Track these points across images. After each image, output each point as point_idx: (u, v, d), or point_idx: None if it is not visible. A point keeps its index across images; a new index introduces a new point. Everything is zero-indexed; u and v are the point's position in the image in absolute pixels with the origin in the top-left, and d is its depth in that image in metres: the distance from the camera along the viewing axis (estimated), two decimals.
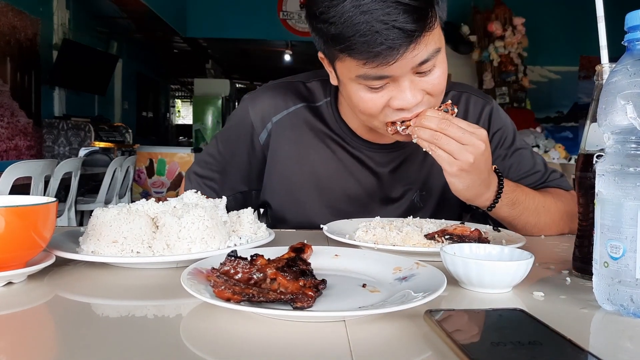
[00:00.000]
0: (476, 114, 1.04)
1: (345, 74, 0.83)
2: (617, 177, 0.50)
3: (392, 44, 0.74)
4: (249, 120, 1.03)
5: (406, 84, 0.80)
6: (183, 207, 0.71)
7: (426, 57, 0.78)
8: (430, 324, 0.45)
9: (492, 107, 1.05)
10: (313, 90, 1.04)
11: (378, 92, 0.81)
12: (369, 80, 0.79)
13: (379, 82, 0.80)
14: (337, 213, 1.00)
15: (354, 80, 0.81)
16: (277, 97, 1.03)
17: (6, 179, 2.57)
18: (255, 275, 0.51)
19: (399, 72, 0.78)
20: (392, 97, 0.81)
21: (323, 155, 1.02)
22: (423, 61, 0.78)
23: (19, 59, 4.62)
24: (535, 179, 1.02)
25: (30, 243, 0.58)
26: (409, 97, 0.80)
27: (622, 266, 0.50)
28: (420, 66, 0.79)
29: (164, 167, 5.71)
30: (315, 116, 1.02)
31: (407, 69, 0.78)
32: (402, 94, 0.80)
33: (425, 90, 0.82)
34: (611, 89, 0.50)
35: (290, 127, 1.02)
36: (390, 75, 0.78)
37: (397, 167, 1.02)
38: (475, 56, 6.26)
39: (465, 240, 0.74)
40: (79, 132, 5.14)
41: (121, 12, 5.93)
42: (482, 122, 1.03)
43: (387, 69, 0.77)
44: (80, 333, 0.45)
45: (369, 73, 0.78)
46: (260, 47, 8.11)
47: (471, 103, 1.05)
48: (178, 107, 13.33)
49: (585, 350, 0.39)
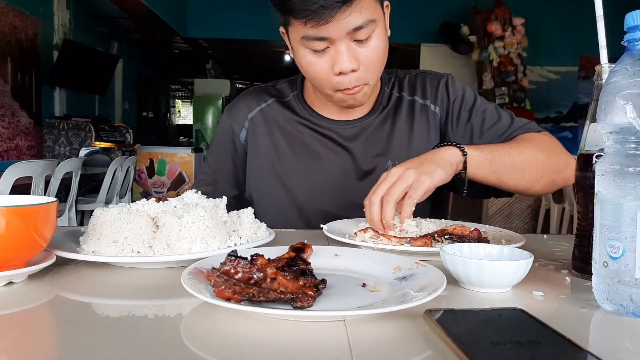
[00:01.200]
0: (434, 86, 1.11)
1: (294, 37, 0.92)
2: (617, 177, 0.50)
3: (324, 3, 0.83)
4: (228, 126, 1.14)
5: (343, 49, 0.88)
6: (183, 207, 0.71)
7: (360, 24, 0.86)
8: (430, 323, 0.45)
9: (447, 78, 1.12)
10: (282, 89, 1.15)
11: (321, 56, 0.91)
12: (310, 41, 0.88)
13: (320, 44, 0.89)
14: (319, 194, 1.07)
15: (300, 43, 0.91)
16: (250, 98, 1.14)
17: (7, 179, 2.58)
18: (256, 275, 0.51)
19: (336, 35, 0.86)
20: (334, 63, 0.90)
21: (296, 141, 1.10)
22: (357, 27, 0.86)
23: (20, 59, 4.62)
24: (502, 130, 1.05)
25: (31, 243, 0.58)
26: (345, 60, 0.88)
27: (622, 266, 0.50)
28: (356, 32, 0.87)
29: (165, 167, 5.71)
30: (286, 108, 1.12)
31: (343, 32, 0.86)
32: (339, 57, 0.89)
33: (361, 59, 0.90)
34: (611, 89, 0.50)
35: (264, 121, 1.12)
36: (327, 36, 0.87)
37: (366, 139, 1.08)
38: (474, 56, 6.25)
39: (465, 240, 0.75)
40: (80, 132, 5.14)
41: (121, 12, 5.93)
42: (441, 92, 1.10)
43: (324, 29, 0.86)
44: (81, 333, 0.45)
45: (309, 34, 0.87)
46: (260, 47, 8.11)
47: (427, 79, 1.13)
48: (178, 107, 13.33)
49: (585, 350, 0.39)
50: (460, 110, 1.09)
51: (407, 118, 1.09)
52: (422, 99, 1.11)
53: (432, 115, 1.10)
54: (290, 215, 1.09)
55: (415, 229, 0.82)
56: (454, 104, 1.09)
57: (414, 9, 6.45)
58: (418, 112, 1.10)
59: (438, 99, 1.10)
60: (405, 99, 1.11)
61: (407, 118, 1.09)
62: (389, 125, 1.09)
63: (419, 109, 1.10)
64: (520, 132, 1.04)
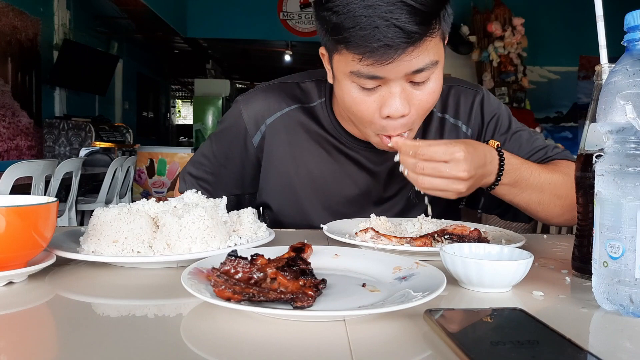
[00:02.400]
0: (467, 105, 1.03)
1: (341, 68, 0.81)
2: (617, 177, 0.50)
3: (390, 42, 0.72)
4: (242, 124, 1.02)
5: (397, 90, 0.78)
6: (183, 207, 0.71)
7: (422, 66, 0.77)
8: (429, 323, 0.45)
9: (483, 96, 1.04)
10: (307, 90, 1.03)
11: (370, 94, 0.80)
12: (361, 78, 0.78)
13: (372, 83, 0.78)
14: (334, 214, 1.00)
15: (348, 76, 0.80)
16: (270, 99, 1.02)
17: (7, 179, 2.58)
18: (256, 275, 0.51)
19: (392, 75, 0.77)
20: (383, 104, 0.80)
21: (318, 157, 1.01)
22: (418, 69, 0.77)
23: (20, 59, 4.62)
24: (538, 157, 0.99)
25: (31, 243, 0.58)
26: (398, 104, 0.79)
27: (622, 266, 0.50)
28: (415, 75, 0.77)
29: (165, 167, 5.71)
30: (310, 117, 1.01)
31: (401, 73, 0.77)
32: (392, 99, 0.79)
33: (415, 103, 0.81)
34: (610, 89, 0.50)
35: (284, 129, 1.01)
36: (383, 76, 0.77)
37: (393, 165, 1.01)
38: (474, 56, 6.25)
39: (465, 240, 0.75)
40: (80, 132, 5.14)
41: (121, 12, 5.93)
42: (475, 113, 1.03)
43: (381, 69, 0.76)
44: (81, 333, 0.45)
45: (362, 71, 0.77)
46: (260, 47, 8.11)
47: (462, 96, 1.04)
48: (178, 107, 13.33)
49: (585, 350, 0.39)
50: (495, 133, 1.02)
51: (436, 137, 1.01)
52: (453, 118, 1.03)
53: (464, 137, 1.02)
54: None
55: (414, 229, 0.82)
56: (489, 126, 1.03)
57: None
58: (447, 133, 1.02)
59: (471, 120, 1.03)
60: (435, 115, 1.02)
61: (436, 137, 1.01)
62: None
63: (449, 128, 1.02)
64: (558, 158, 0.98)
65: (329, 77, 0.90)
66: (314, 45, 7.30)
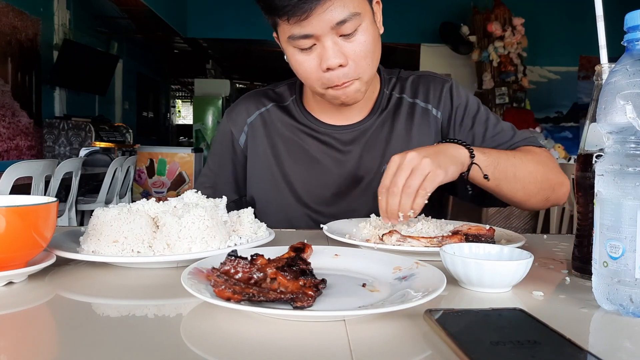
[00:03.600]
0: (437, 91, 1.10)
1: (283, 38, 0.92)
2: (617, 177, 0.50)
3: None
4: (228, 129, 1.14)
5: (329, 44, 0.88)
6: (183, 207, 0.71)
7: (343, 18, 0.85)
8: (429, 323, 0.45)
9: (452, 84, 1.12)
10: (281, 93, 1.15)
11: (309, 53, 0.90)
12: (296, 40, 0.88)
13: (306, 42, 0.88)
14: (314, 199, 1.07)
15: (288, 43, 0.91)
16: (249, 102, 1.15)
17: (7, 179, 2.58)
18: (256, 275, 0.51)
19: (320, 30, 0.86)
20: (321, 59, 0.89)
21: (294, 146, 1.09)
22: (341, 21, 0.86)
23: (20, 59, 4.62)
24: (504, 140, 1.05)
25: (31, 243, 0.58)
26: (331, 55, 0.88)
27: (622, 266, 0.50)
28: (340, 27, 0.86)
29: (165, 167, 5.71)
30: (285, 113, 1.12)
31: (327, 27, 0.86)
32: (325, 53, 0.88)
33: (349, 54, 0.89)
34: (610, 89, 0.50)
35: (263, 125, 1.12)
36: (312, 33, 0.87)
37: (365, 143, 1.08)
38: (474, 56, 6.26)
39: (482, 240, 0.74)
40: (80, 132, 5.14)
41: (122, 12, 5.93)
42: (444, 98, 1.10)
43: (307, 26, 0.86)
44: (81, 333, 0.45)
45: (294, 32, 0.87)
46: (260, 47, 8.11)
47: (431, 83, 1.12)
48: (178, 107, 13.33)
49: (585, 350, 0.39)
50: (464, 117, 1.08)
51: (407, 120, 1.08)
52: (424, 102, 1.10)
53: (434, 120, 1.09)
54: (290, 219, 1.09)
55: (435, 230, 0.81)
56: (457, 110, 1.08)
57: (414, 9, 6.45)
58: (419, 116, 1.09)
59: (441, 104, 1.09)
60: (405, 101, 1.10)
61: (407, 120, 1.08)
62: (387, 128, 1.08)
63: (419, 112, 1.09)
64: (522, 144, 1.03)
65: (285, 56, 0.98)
66: None
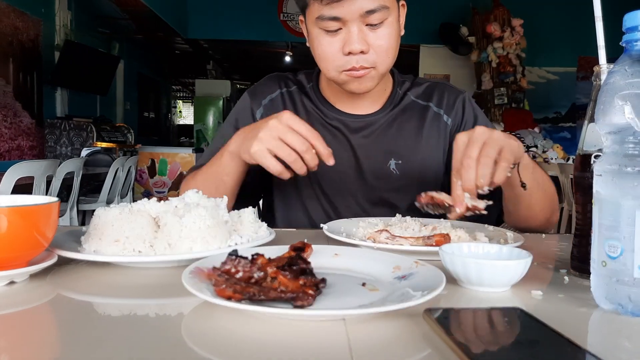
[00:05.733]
0: (451, 99, 1.13)
1: (310, 19, 0.96)
2: (615, 177, 0.50)
3: None
4: (247, 105, 1.14)
5: (355, 30, 0.92)
6: (184, 206, 0.71)
7: (373, 7, 0.90)
8: (429, 322, 0.45)
9: (465, 96, 1.15)
10: (300, 80, 1.18)
11: (334, 36, 0.94)
12: (324, 20, 0.92)
13: (333, 24, 0.92)
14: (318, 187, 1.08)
15: (315, 24, 0.95)
16: (272, 82, 1.17)
17: (9, 179, 2.58)
18: (256, 274, 0.51)
19: (349, 15, 0.91)
20: (344, 43, 0.93)
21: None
22: (370, 10, 0.90)
23: (22, 60, 4.63)
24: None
25: (33, 242, 0.59)
26: (355, 40, 0.92)
27: (620, 265, 0.50)
28: (368, 16, 0.91)
29: (166, 167, 5.71)
30: (305, 96, 1.15)
31: (356, 14, 0.91)
32: (350, 37, 0.92)
33: (371, 43, 0.93)
34: (609, 90, 0.51)
35: (282, 103, 1.14)
36: (341, 16, 0.91)
37: (370, 134, 1.09)
38: (473, 57, 6.26)
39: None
40: (81, 133, 5.15)
41: (122, 13, 5.93)
42: (456, 107, 1.12)
43: (338, 8, 0.90)
44: (82, 332, 0.46)
45: (324, 13, 0.92)
46: (260, 48, 8.12)
47: (446, 91, 1.14)
48: (179, 107, 13.33)
49: (584, 349, 0.39)
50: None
51: (418, 121, 1.11)
52: (437, 107, 1.12)
53: (444, 125, 1.11)
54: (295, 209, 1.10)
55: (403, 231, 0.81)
56: (467, 122, 1.11)
57: (414, 9, 6.38)
58: (430, 119, 1.11)
59: (452, 112, 1.11)
60: (419, 103, 1.12)
61: (418, 121, 1.11)
62: (397, 125, 1.10)
63: (431, 115, 1.11)
64: None
65: (307, 40, 1.03)
66: None
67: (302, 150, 0.82)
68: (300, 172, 0.83)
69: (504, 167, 0.72)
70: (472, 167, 0.71)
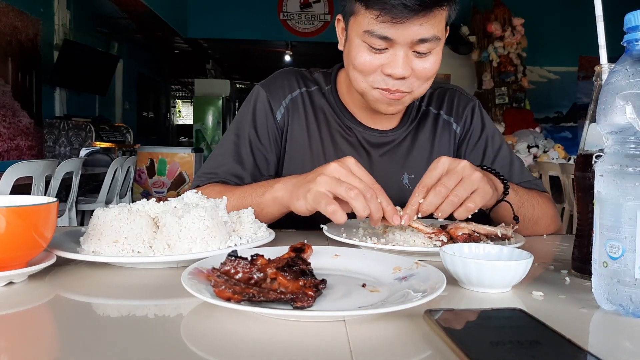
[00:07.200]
0: (461, 107, 1.12)
1: (355, 29, 0.91)
2: (616, 177, 0.50)
3: (407, 2, 0.82)
4: (265, 102, 1.07)
5: (402, 54, 0.88)
6: (183, 207, 0.71)
7: (427, 37, 0.86)
8: (429, 323, 0.45)
9: (476, 104, 1.13)
10: (318, 79, 1.12)
11: (377, 54, 0.89)
12: (373, 38, 0.87)
13: (381, 43, 0.88)
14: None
15: (361, 36, 0.89)
16: (291, 78, 1.10)
17: (7, 179, 2.58)
18: (256, 275, 0.51)
19: (401, 39, 0.86)
20: (386, 64, 0.89)
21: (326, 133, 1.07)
22: (423, 39, 0.87)
23: (20, 59, 4.62)
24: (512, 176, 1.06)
25: (31, 243, 0.58)
26: (400, 65, 0.88)
27: (621, 266, 0.50)
28: (419, 44, 0.87)
29: (165, 167, 5.71)
30: (325, 99, 1.10)
31: (409, 39, 0.86)
32: (395, 61, 0.88)
33: (416, 70, 0.90)
34: (610, 89, 0.50)
35: (303, 105, 1.08)
36: (393, 38, 0.86)
37: (388, 149, 1.08)
38: (474, 56, 6.26)
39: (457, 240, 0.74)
40: (80, 132, 5.15)
41: (122, 12, 5.93)
42: (466, 115, 1.11)
43: (392, 30, 0.85)
44: (81, 333, 0.45)
45: (376, 30, 0.86)
46: (260, 47, 8.11)
47: (456, 98, 1.13)
48: (179, 107, 13.33)
49: (585, 350, 0.39)
50: (479, 139, 1.09)
51: (431, 132, 1.10)
52: (447, 115, 1.11)
53: (452, 133, 1.11)
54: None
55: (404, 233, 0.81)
56: (475, 130, 1.10)
57: None
58: (440, 128, 1.10)
59: (461, 120, 1.11)
60: (431, 112, 1.11)
61: (431, 132, 1.10)
62: (410, 138, 1.09)
63: (442, 124, 1.11)
64: (528, 186, 1.04)
65: (339, 44, 0.99)
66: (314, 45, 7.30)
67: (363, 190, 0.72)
68: (362, 212, 0.71)
69: (468, 208, 0.74)
70: (441, 195, 0.74)
